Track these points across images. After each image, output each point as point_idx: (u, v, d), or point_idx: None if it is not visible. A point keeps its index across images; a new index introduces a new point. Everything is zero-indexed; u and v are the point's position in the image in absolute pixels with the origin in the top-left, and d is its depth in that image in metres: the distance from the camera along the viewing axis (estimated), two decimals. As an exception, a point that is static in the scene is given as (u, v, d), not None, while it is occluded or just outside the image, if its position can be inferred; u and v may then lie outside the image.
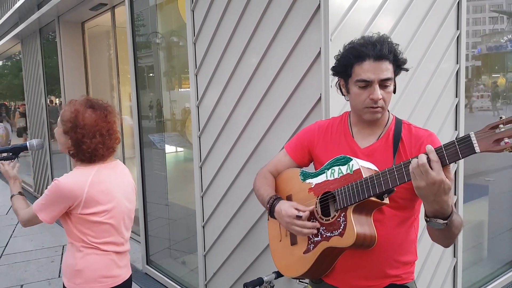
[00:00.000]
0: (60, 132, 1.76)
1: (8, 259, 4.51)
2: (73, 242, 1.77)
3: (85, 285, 1.74)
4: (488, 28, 3.74)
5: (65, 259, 1.84)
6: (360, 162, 1.32)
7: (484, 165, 3.53)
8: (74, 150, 1.74)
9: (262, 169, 1.68)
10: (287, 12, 2.19)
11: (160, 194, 4.06)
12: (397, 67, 1.38)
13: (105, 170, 1.78)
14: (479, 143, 1.06)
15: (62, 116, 1.74)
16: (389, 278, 1.42)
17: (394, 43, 1.37)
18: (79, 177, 1.72)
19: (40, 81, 6.69)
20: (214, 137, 2.81)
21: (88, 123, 1.71)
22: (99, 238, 1.76)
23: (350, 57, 1.37)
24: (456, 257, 2.83)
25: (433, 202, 1.15)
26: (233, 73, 2.59)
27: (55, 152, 6.63)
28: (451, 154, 1.10)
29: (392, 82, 1.37)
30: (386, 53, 1.32)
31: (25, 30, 6.64)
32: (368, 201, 1.28)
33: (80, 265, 1.74)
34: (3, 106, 12.20)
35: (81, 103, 1.76)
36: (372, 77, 1.33)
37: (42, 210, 1.72)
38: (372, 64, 1.33)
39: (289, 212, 1.39)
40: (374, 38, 1.37)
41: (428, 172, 1.11)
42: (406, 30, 2.33)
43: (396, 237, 1.40)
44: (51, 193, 1.70)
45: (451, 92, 2.66)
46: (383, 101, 1.35)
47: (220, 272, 2.94)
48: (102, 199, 1.73)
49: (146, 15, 4.12)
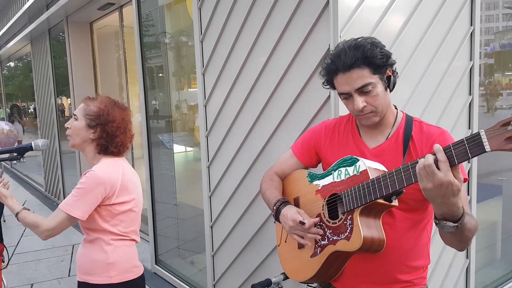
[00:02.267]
0: (82, 126, 1.80)
1: (18, 258, 4.55)
2: (100, 237, 1.79)
3: (121, 276, 1.80)
4: (501, 25, 3.66)
5: (87, 256, 1.82)
6: (367, 163, 1.27)
7: (497, 165, 3.45)
8: (104, 142, 1.81)
9: (268, 171, 1.65)
10: (295, 10, 2.15)
11: (169, 194, 4.05)
12: (378, 66, 1.27)
13: (124, 163, 1.90)
14: (489, 141, 0.98)
15: (87, 111, 1.80)
16: (399, 284, 1.37)
17: (363, 44, 1.27)
18: (112, 167, 1.80)
19: (49, 81, 6.74)
20: (221, 137, 2.79)
21: (118, 118, 1.83)
22: (129, 227, 1.84)
23: (325, 73, 1.36)
24: (469, 258, 2.77)
25: (441, 204, 1.09)
26: (240, 72, 2.57)
27: (65, 152, 6.68)
28: (460, 153, 1.03)
29: (376, 84, 1.28)
30: (351, 62, 1.25)
31: (35, 30, 6.69)
32: (375, 203, 1.23)
33: (113, 258, 1.79)
34: (15, 107, 12.34)
35: (106, 100, 1.86)
36: (347, 88, 1.29)
37: (74, 206, 1.70)
38: (343, 77, 1.29)
39: (294, 217, 1.36)
40: (340, 48, 1.30)
41: (434, 173, 1.05)
42: (417, 27, 2.28)
43: (407, 241, 1.35)
44: (87, 184, 1.71)
45: (464, 90, 2.60)
46: (371, 105, 1.30)
47: (228, 273, 2.92)
48: (130, 188, 1.82)
49: (155, 15, 4.11)
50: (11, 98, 12.76)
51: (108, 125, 1.80)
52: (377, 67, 1.28)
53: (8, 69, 12.22)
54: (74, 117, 1.82)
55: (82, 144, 1.83)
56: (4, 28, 8.43)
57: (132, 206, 1.83)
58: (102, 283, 1.77)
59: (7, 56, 10.70)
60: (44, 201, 7.22)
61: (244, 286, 2.77)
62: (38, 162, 8.23)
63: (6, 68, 12.05)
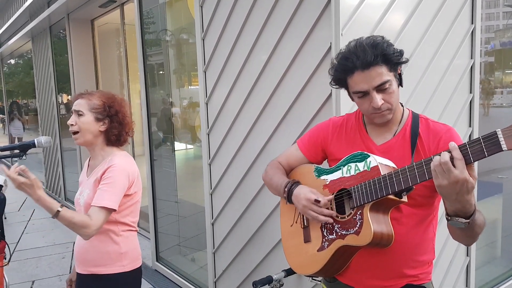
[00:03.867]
0: (90, 120, 1.83)
1: (20, 255, 4.57)
2: (110, 228, 1.82)
3: (132, 263, 1.88)
4: (502, 23, 3.66)
5: (97, 248, 1.83)
6: (378, 159, 1.28)
7: (498, 163, 3.46)
8: (117, 132, 1.86)
9: (273, 160, 1.65)
10: (296, 7, 2.15)
11: (170, 191, 4.06)
12: (394, 64, 1.30)
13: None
14: (506, 140, 1.01)
15: (92, 105, 1.83)
16: (406, 278, 1.38)
17: (380, 42, 1.29)
18: (128, 158, 1.88)
19: (50, 78, 6.74)
20: (223, 134, 2.80)
21: (121, 107, 1.89)
22: (135, 217, 1.91)
23: (339, 72, 1.35)
24: (469, 256, 2.78)
25: (455, 201, 1.11)
26: (241, 70, 2.57)
27: (66, 149, 6.68)
28: (476, 152, 1.05)
29: (392, 81, 1.31)
30: (371, 59, 1.26)
31: (36, 28, 6.69)
32: (385, 199, 1.24)
33: (125, 248, 1.85)
34: (15, 104, 12.31)
35: (103, 93, 1.91)
36: (366, 87, 1.29)
37: (111, 199, 1.72)
38: (361, 75, 1.28)
39: (308, 196, 1.37)
40: (357, 46, 1.30)
41: (450, 171, 1.06)
42: (418, 26, 2.28)
43: (414, 235, 1.37)
44: (115, 177, 1.75)
45: (465, 88, 2.61)
46: (387, 103, 1.31)
47: (229, 270, 2.93)
48: (138, 178, 1.89)
49: (156, 13, 4.11)
50: (12, 95, 12.75)
51: (117, 115, 1.86)
52: (393, 65, 1.31)
53: (8, 66, 12.21)
54: (79, 113, 1.82)
55: (92, 139, 1.85)
56: (5, 25, 8.43)
57: (139, 197, 1.91)
58: (115, 272, 1.83)
59: (8, 53, 10.69)
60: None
61: (245, 283, 2.78)
62: (39, 159, 8.23)
63: (7, 66, 12.04)
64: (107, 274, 1.82)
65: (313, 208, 1.36)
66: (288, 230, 1.56)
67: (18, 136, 11.48)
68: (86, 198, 1.79)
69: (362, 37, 1.34)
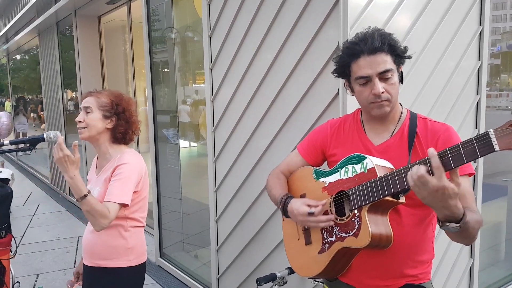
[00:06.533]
0: (98, 118, 1.87)
1: (24, 249, 4.60)
2: (119, 223, 1.86)
3: (138, 258, 1.92)
4: (508, 25, 3.65)
5: (104, 242, 1.87)
6: (375, 160, 1.28)
7: (503, 166, 3.45)
8: (123, 129, 1.90)
9: (275, 169, 1.66)
10: (304, 7, 2.16)
11: (174, 188, 4.08)
12: (397, 56, 1.33)
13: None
14: (498, 140, 0.99)
15: (101, 103, 1.88)
16: (405, 278, 1.39)
17: (387, 33, 1.33)
18: (136, 155, 1.92)
19: (57, 74, 6.77)
20: (228, 132, 2.81)
21: (129, 106, 1.94)
22: (144, 212, 1.95)
23: (345, 56, 1.36)
24: (472, 258, 2.78)
25: (442, 208, 1.11)
26: (248, 68, 2.58)
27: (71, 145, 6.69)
28: (469, 153, 1.04)
29: (394, 73, 1.32)
30: (378, 45, 1.29)
31: (43, 24, 6.72)
32: (383, 200, 1.24)
33: (132, 243, 1.90)
34: (21, 99, 12.38)
35: (111, 91, 1.95)
36: (370, 72, 1.30)
37: (123, 195, 1.76)
38: (367, 59, 1.30)
39: (301, 211, 1.38)
40: (365, 32, 1.34)
41: (428, 182, 1.06)
42: (426, 26, 2.28)
43: (413, 236, 1.37)
44: (126, 173, 1.79)
45: (472, 89, 2.60)
46: (388, 93, 1.32)
47: (232, 267, 2.95)
48: (146, 175, 1.93)
49: (161, 10, 4.12)
50: (17, 91, 12.82)
51: (124, 113, 1.91)
52: (397, 57, 1.33)
53: (14, 62, 12.27)
54: (87, 110, 1.87)
55: (96, 135, 1.88)
56: (13, 20, 8.47)
57: (146, 193, 1.94)
58: (121, 266, 1.87)
59: (15, 48, 10.74)
60: (50, 193, 7.28)
61: (249, 280, 2.79)
62: (44, 155, 8.28)
63: (12, 61, 12.10)
64: (113, 268, 1.86)
65: (310, 219, 1.36)
66: (289, 232, 1.57)
67: (23, 132, 11.55)
68: (97, 195, 1.82)
69: (372, 27, 1.36)
